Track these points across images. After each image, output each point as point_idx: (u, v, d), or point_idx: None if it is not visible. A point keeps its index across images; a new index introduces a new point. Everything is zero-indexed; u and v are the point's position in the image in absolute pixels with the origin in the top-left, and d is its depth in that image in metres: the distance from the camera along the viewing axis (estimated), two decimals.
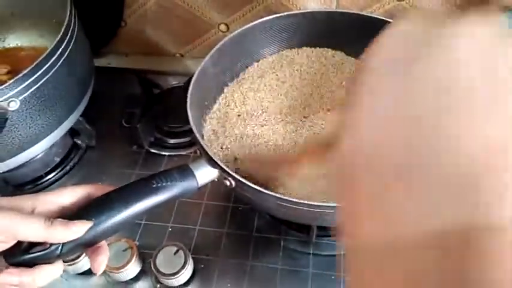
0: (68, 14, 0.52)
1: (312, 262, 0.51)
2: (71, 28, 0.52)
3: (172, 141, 0.63)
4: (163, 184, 0.36)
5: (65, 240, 0.31)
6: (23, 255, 0.30)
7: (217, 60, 0.52)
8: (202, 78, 0.50)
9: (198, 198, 0.56)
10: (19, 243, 0.31)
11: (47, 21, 0.63)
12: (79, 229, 0.31)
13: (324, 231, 0.51)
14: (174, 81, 0.70)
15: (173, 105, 0.65)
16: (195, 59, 0.73)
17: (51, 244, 0.31)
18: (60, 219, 0.31)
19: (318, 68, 0.55)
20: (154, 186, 0.36)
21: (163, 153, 0.62)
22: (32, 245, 0.31)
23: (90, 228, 0.32)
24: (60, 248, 0.31)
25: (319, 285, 0.49)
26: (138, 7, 0.67)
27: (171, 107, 0.65)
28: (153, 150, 0.62)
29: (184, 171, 0.38)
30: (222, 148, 0.48)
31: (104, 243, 0.34)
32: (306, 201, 0.36)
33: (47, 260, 0.31)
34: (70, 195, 0.34)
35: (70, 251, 0.32)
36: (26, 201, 0.32)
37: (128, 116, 0.65)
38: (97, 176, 0.61)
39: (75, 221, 0.32)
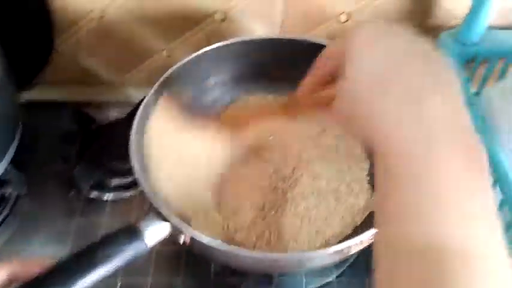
0: None
1: None
2: None
3: (115, 182, 0.57)
4: (110, 252, 0.32)
5: None
6: None
7: (163, 91, 0.48)
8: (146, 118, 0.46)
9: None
10: None
11: None
12: None
13: None
14: (113, 113, 0.64)
15: (114, 140, 0.60)
16: (136, 87, 0.68)
17: None
18: None
19: None
20: (99, 256, 0.31)
21: (106, 197, 0.56)
22: None
23: None
24: None
25: None
26: (71, 34, 0.61)
27: (112, 143, 0.59)
28: (93, 195, 0.56)
29: (132, 233, 0.34)
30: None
31: None
32: (266, 255, 0.34)
33: None
34: None
35: None
36: None
37: (63, 156, 0.59)
38: (32, 228, 0.54)
39: None
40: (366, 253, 0.50)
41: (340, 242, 0.41)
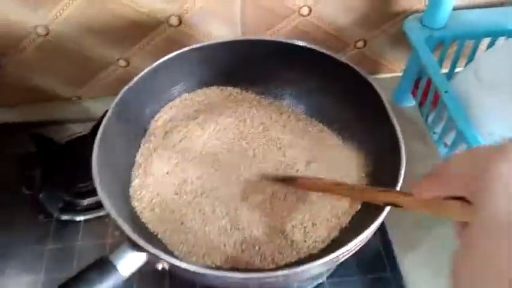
0: None
1: None
2: None
3: (86, 202, 0.55)
4: None
5: None
6: None
7: (121, 112, 0.45)
8: (108, 135, 0.43)
9: None
10: None
11: None
12: None
13: None
14: (74, 130, 0.61)
15: (78, 159, 0.57)
16: (95, 100, 0.65)
17: None
18: None
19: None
20: None
21: (78, 218, 0.54)
22: None
23: None
24: None
25: None
26: (14, 54, 0.57)
27: (77, 162, 0.57)
28: (64, 218, 0.54)
29: (104, 267, 0.32)
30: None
31: None
32: (251, 276, 0.32)
33: None
34: None
35: None
36: None
37: (27, 181, 0.56)
38: (3, 259, 0.51)
39: None
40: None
41: (327, 246, 0.41)
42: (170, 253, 0.39)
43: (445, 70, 0.59)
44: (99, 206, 0.55)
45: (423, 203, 0.28)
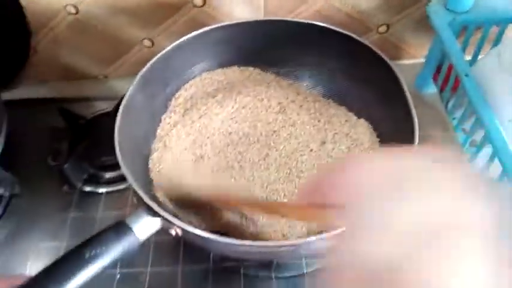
0: None
1: (275, 286, 0.48)
2: None
3: (108, 175, 0.57)
4: (98, 251, 0.32)
5: None
6: None
7: (144, 85, 0.47)
8: (131, 107, 0.45)
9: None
10: None
11: None
12: None
13: None
14: (100, 106, 0.63)
15: (102, 135, 0.58)
16: (121, 79, 0.67)
17: None
18: None
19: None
20: (87, 256, 0.31)
21: (100, 190, 0.56)
22: None
23: None
24: None
25: None
26: (47, 32, 0.60)
27: (101, 138, 0.59)
28: (87, 189, 0.56)
29: (121, 229, 0.34)
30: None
31: None
32: (260, 244, 0.33)
33: None
34: None
35: None
36: None
37: (53, 153, 0.58)
38: (29, 225, 0.54)
39: None
40: None
41: None
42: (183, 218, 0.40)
43: (468, 58, 0.58)
44: (120, 179, 0.57)
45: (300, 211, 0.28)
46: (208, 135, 0.49)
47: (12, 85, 0.65)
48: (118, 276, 0.49)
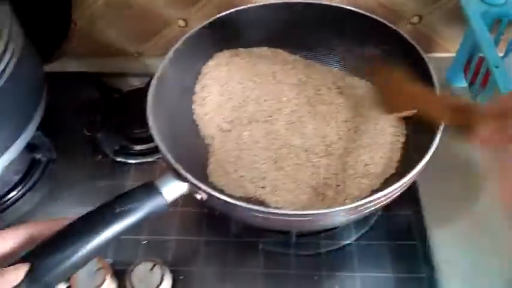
0: (9, 23, 0.47)
1: (294, 263, 0.49)
2: (14, 36, 0.48)
3: (138, 147, 0.60)
4: (128, 207, 0.34)
5: None
6: None
7: (176, 61, 0.49)
8: (163, 81, 0.47)
9: (171, 206, 0.54)
10: None
11: None
12: (15, 276, 0.28)
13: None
14: (134, 83, 0.66)
15: (135, 109, 0.61)
16: (155, 57, 0.70)
17: None
18: None
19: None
20: (117, 211, 0.33)
21: (130, 161, 0.59)
22: None
23: (52, 267, 0.29)
24: None
25: (301, 286, 0.48)
26: (87, 7, 0.63)
27: (134, 112, 0.61)
28: (118, 159, 0.59)
29: (150, 189, 0.36)
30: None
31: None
32: (281, 211, 0.35)
33: None
34: (9, 239, 0.31)
35: None
36: None
37: (88, 124, 0.61)
38: (62, 190, 0.57)
39: (9, 268, 0.29)
40: (386, 218, 0.51)
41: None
42: (209, 184, 0.42)
43: (500, 55, 0.57)
44: (149, 152, 0.59)
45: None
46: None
47: (52, 58, 0.69)
48: (144, 243, 0.52)
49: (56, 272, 0.30)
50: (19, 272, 0.28)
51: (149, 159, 0.59)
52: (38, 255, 0.30)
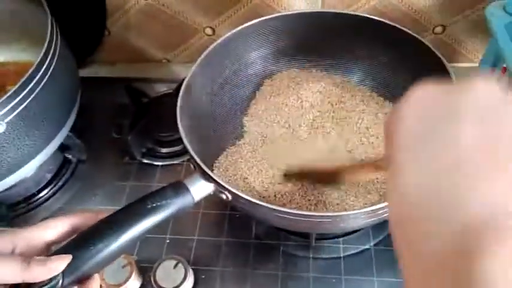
0: (50, 28, 0.50)
1: (312, 266, 0.50)
2: (54, 43, 0.51)
3: (164, 150, 0.62)
4: (159, 204, 0.36)
5: (44, 279, 0.30)
6: None
7: (205, 68, 0.51)
8: (192, 87, 0.49)
9: (195, 207, 0.55)
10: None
11: (28, 36, 0.62)
12: (57, 266, 0.30)
13: (323, 234, 0.51)
14: (162, 88, 0.68)
15: (163, 113, 0.64)
16: (182, 64, 0.72)
17: (51, 279, 0.30)
18: (37, 258, 0.30)
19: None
20: (149, 206, 0.35)
21: (156, 163, 0.61)
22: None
23: (89, 258, 0.31)
24: (60, 281, 0.30)
25: None
26: (120, 15, 0.66)
27: (161, 116, 0.64)
28: (145, 161, 0.61)
29: (179, 188, 0.38)
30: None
31: (95, 275, 0.33)
32: (302, 212, 0.36)
33: None
34: (54, 228, 0.33)
35: (71, 283, 0.31)
36: (5, 240, 0.31)
37: (117, 127, 0.64)
38: (90, 190, 0.60)
39: (52, 258, 0.30)
40: None
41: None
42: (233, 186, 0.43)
43: None
44: (175, 155, 0.62)
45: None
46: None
47: (84, 64, 0.72)
48: (168, 241, 0.54)
49: (91, 263, 0.32)
50: (61, 263, 0.30)
51: (175, 162, 0.61)
52: (77, 246, 0.32)
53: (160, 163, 0.61)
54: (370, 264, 0.50)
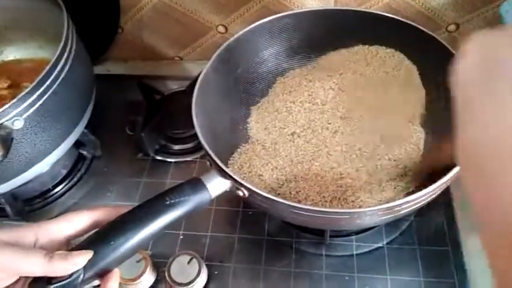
0: (66, 26, 0.51)
1: (325, 263, 0.51)
2: (70, 40, 0.52)
3: (177, 147, 0.62)
4: (177, 200, 0.36)
5: (65, 274, 0.30)
6: (45, 286, 0.30)
7: (218, 65, 0.51)
8: (206, 85, 0.49)
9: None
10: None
11: (44, 33, 0.63)
12: (79, 261, 0.31)
13: (336, 231, 0.51)
14: (174, 86, 0.69)
15: (175, 110, 0.65)
16: (194, 62, 0.73)
17: (72, 273, 0.30)
18: (59, 252, 0.30)
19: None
20: (167, 203, 0.36)
21: (170, 160, 0.62)
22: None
23: (108, 253, 0.32)
24: (81, 276, 0.31)
25: (332, 286, 0.49)
26: (134, 13, 0.66)
27: (174, 113, 0.64)
28: (159, 158, 0.62)
29: (196, 185, 0.38)
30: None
31: (115, 269, 0.34)
32: (319, 208, 0.36)
33: None
34: (75, 222, 0.33)
35: (92, 277, 0.32)
36: (27, 233, 0.31)
37: (131, 124, 0.65)
38: (105, 185, 0.60)
39: (74, 253, 0.31)
40: (418, 223, 0.52)
41: None
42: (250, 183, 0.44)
43: None
44: (188, 152, 0.62)
45: None
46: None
47: (99, 61, 0.73)
48: (181, 237, 0.54)
49: (111, 258, 0.32)
50: (83, 258, 0.31)
51: (187, 159, 0.61)
52: (98, 241, 0.32)
53: (173, 160, 0.62)
54: (383, 262, 0.50)
